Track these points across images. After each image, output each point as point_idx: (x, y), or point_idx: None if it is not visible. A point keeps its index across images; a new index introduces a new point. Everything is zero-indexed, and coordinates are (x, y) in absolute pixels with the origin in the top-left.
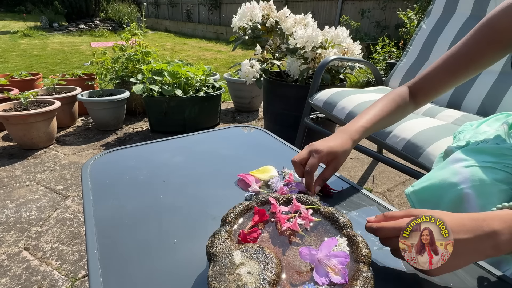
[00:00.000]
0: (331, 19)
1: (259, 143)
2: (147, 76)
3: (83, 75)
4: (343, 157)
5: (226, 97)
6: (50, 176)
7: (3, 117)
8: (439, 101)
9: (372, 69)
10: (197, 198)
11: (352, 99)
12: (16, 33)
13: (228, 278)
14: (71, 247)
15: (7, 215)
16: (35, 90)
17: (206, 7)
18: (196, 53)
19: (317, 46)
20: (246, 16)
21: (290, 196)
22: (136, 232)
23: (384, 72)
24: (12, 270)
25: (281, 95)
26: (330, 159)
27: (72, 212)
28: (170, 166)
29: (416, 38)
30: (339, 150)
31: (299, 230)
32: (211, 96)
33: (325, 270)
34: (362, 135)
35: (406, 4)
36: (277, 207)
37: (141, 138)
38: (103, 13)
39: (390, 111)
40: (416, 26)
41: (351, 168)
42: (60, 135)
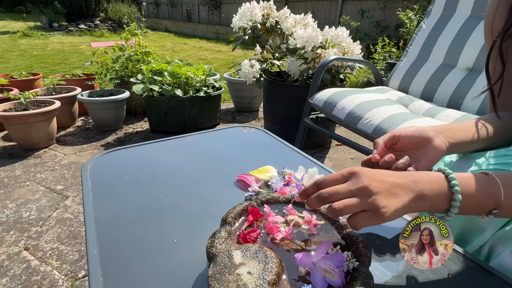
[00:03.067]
0: (331, 19)
1: (259, 143)
2: (147, 76)
3: (83, 75)
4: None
5: (226, 97)
6: (50, 176)
7: (3, 117)
8: (439, 101)
9: (372, 69)
10: (197, 198)
11: (352, 99)
12: (16, 33)
13: (228, 278)
14: (71, 247)
15: (7, 215)
16: (35, 90)
17: (206, 7)
18: (196, 53)
19: (317, 46)
20: (246, 16)
21: (290, 196)
22: (136, 232)
23: (384, 72)
24: (12, 270)
25: (281, 95)
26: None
27: (72, 212)
28: (170, 166)
29: (416, 38)
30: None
31: (292, 241)
32: (211, 96)
33: (322, 273)
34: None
35: (406, 4)
36: (270, 215)
37: (141, 138)
38: (103, 13)
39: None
40: (416, 26)
41: None
42: (60, 135)
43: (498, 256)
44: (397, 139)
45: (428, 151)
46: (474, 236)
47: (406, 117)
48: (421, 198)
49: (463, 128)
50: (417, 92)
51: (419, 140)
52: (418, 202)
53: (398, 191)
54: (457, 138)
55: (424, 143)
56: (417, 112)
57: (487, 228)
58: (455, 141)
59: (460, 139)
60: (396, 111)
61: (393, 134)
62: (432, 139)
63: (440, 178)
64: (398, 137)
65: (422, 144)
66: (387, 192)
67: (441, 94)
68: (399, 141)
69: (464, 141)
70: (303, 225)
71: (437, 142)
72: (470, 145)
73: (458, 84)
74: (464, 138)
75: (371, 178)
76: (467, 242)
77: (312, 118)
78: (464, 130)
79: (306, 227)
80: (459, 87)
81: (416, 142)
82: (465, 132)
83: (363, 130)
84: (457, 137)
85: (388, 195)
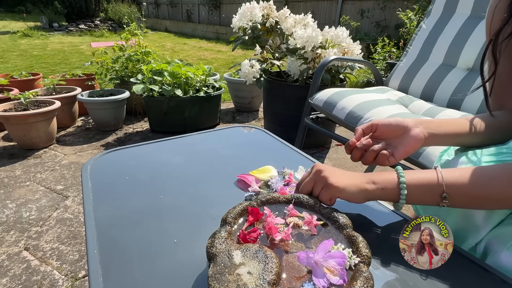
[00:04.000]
0: (331, 19)
1: (259, 143)
2: (147, 76)
3: (83, 75)
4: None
5: (226, 97)
6: (50, 176)
7: (3, 117)
8: (439, 101)
9: (372, 69)
10: (197, 198)
11: (352, 99)
12: (16, 33)
13: (228, 278)
14: (71, 247)
15: (7, 215)
16: (35, 90)
17: (206, 7)
18: (196, 53)
19: (317, 46)
20: (246, 16)
21: (290, 196)
22: (136, 232)
23: (384, 72)
24: (12, 270)
25: (281, 95)
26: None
27: (72, 212)
28: (170, 166)
29: (416, 38)
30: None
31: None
32: (211, 96)
33: (323, 272)
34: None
35: (406, 4)
36: (270, 216)
37: (141, 138)
38: (103, 13)
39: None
40: (416, 26)
41: (351, 168)
42: (60, 135)
43: (494, 254)
44: (375, 127)
45: (404, 139)
46: (469, 233)
47: (406, 117)
48: (372, 182)
49: (447, 122)
50: (417, 92)
51: (396, 128)
52: (369, 185)
53: (349, 175)
54: (439, 130)
55: (402, 132)
56: (417, 112)
57: (482, 226)
58: (436, 132)
59: (443, 131)
60: (396, 111)
61: (372, 122)
62: (410, 128)
63: (390, 171)
64: (376, 125)
65: (400, 133)
66: (339, 174)
67: (441, 94)
68: (377, 129)
69: (447, 133)
70: (303, 226)
71: (415, 131)
72: (454, 138)
73: (458, 84)
74: (448, 131)
75: (326, 168)
76: (463, 239)
77: (312, 118)
78: (448, 123)
79: (306, 228)
80: (459, 87)
81: (393, 130)
82: (449, 126)
83: None
84: (439, 129)
85: (340, 175)
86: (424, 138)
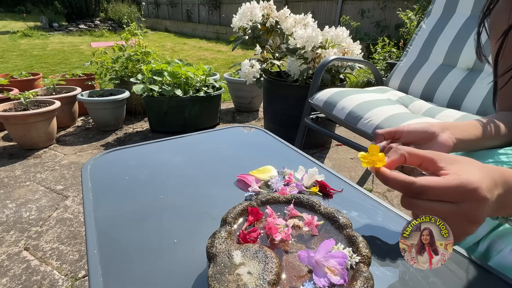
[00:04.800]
0: (331, 19)
1: (259, 143)
2: (147, 76)
3: (83, 75)
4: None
5: (226, 97)
6: (50, 176)
7: (3, 117)
8: (439, 101)
9: (372, 69)
10: (197, 198)
11: (352, 99)
12: (16, 33)
13: (228, 278)
14: (71, 247)
15: (7, 215)
16: (35, 90)
17: (206, 7)
18: (196, 53)
19: (317, 46)
20: (246, 16)
21: (290, 196)
22: (136, 232)
23: (384, 72)
24: (12, 270)
25: (281, 95)
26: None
27: (72, 212)
28: (170, 166)
29: (416, 38)
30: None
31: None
32: (211, 96)
33: (324, 271)
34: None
35: (406, 4)
36: (271, 216)
37: (141, 138)
38: (103, 13)
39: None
40: (416, 26)
41: (351, 168)
42: (60, 135)
43: (499, 253)
44: (399, 134)
45: (432, 146)
46: None
47: (406, 117)
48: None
49: (473, 125)
50: (417, 92)
51: (423, 135)
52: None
53: (497, 200)
54: (466, 134)
55: (429, 138)
56: (417, 112)
57: (481, 226)
58: (463, 138)
59: (469, 136)
60: (396, 111)
61: (397, 128)
62: (437, 134)
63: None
64: (401, 132)
65: (427, 140)
66: (488, 205)
67: (441, 94)
68: (401, 136)
69: (473, 138)
70: (303, 227)
71: (443, 137)
72: (480, 142)
73: (458, 84)
74: (474, 135)
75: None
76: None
77: (312, 118)
78: (474, 127)
79: (307, 229)
80: (459, 87)
81: (420, 137)
82: (475, 129)
83: (363, 130)
84: (466, 134)
85: (488, 204)
86: (453, 144)
